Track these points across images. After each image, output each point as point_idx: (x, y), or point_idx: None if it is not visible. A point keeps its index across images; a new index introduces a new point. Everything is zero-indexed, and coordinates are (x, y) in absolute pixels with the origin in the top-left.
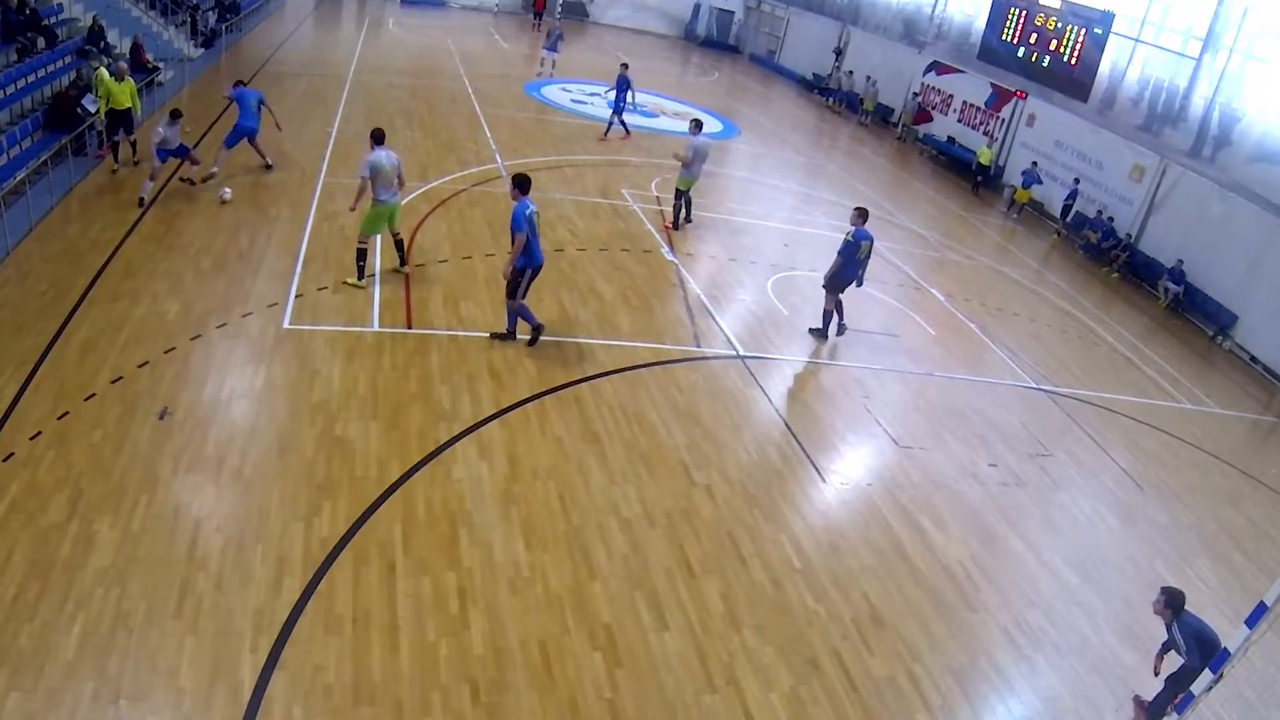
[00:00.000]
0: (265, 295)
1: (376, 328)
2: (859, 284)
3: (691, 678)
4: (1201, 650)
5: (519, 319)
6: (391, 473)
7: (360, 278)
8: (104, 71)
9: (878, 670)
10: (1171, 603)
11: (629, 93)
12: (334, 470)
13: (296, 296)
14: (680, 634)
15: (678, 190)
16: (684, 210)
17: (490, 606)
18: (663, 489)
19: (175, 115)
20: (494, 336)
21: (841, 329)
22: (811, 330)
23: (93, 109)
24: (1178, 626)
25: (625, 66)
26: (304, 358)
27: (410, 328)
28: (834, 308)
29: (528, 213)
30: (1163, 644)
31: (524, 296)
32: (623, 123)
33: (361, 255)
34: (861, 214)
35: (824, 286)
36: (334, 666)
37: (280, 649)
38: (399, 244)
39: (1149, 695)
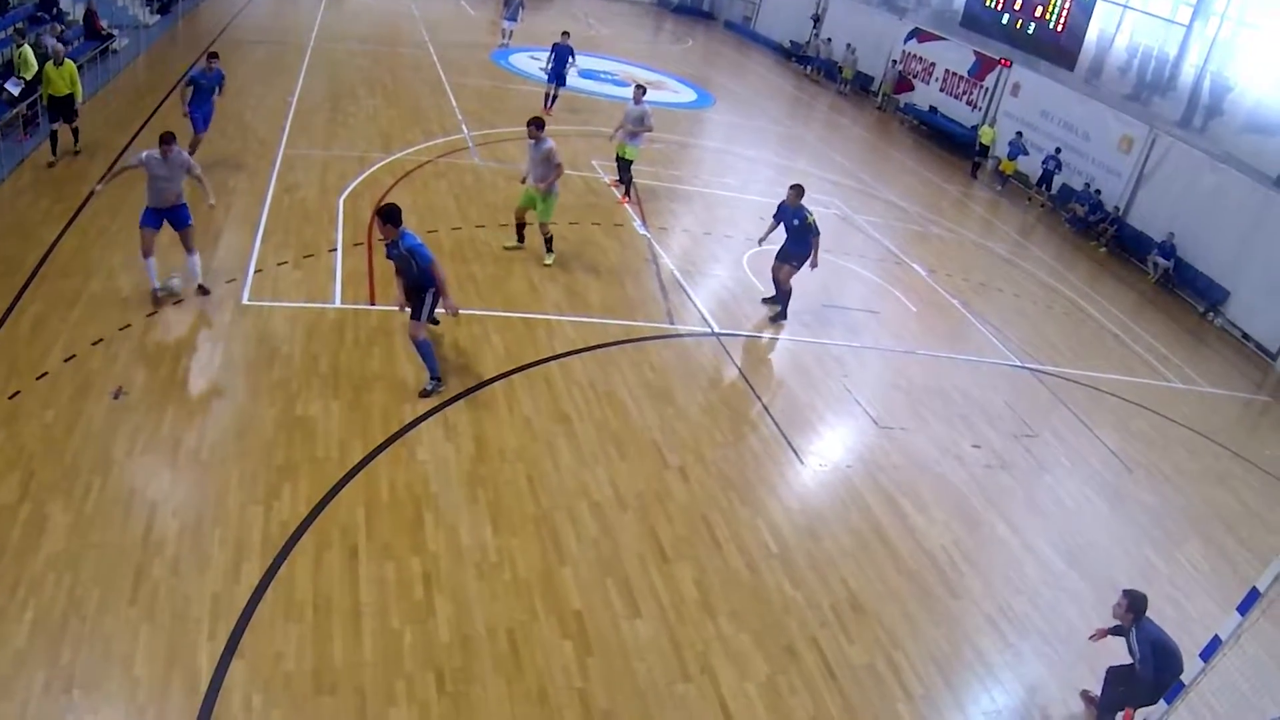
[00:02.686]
0: (223, 270)
1: (338, 304)
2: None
3: (664, 666)
4: (1157, 660)
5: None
6: (354, 454)
7: (551, 253)
8: (28, 50)
9: (857, 658)
10: (1134, 606)
11: (570, 62)
12: (294, 451)
13: (255, 271)
14: (653, 621)
15: (628, 161)
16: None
17: (456, 592)
18: (635, 471)
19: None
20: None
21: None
22: (766, 300)
23: (15, 91)
24: (1136, 633)
25: (565, 35)
26: (263, 335)
27: (374, 304)
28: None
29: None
30: (1112, 628)
31: (429, 319)
32: (552, 96)
33: (550, 240)
34: (799, 190)
35: (796, 268)
36: (294, 654)
37: (239, 636)
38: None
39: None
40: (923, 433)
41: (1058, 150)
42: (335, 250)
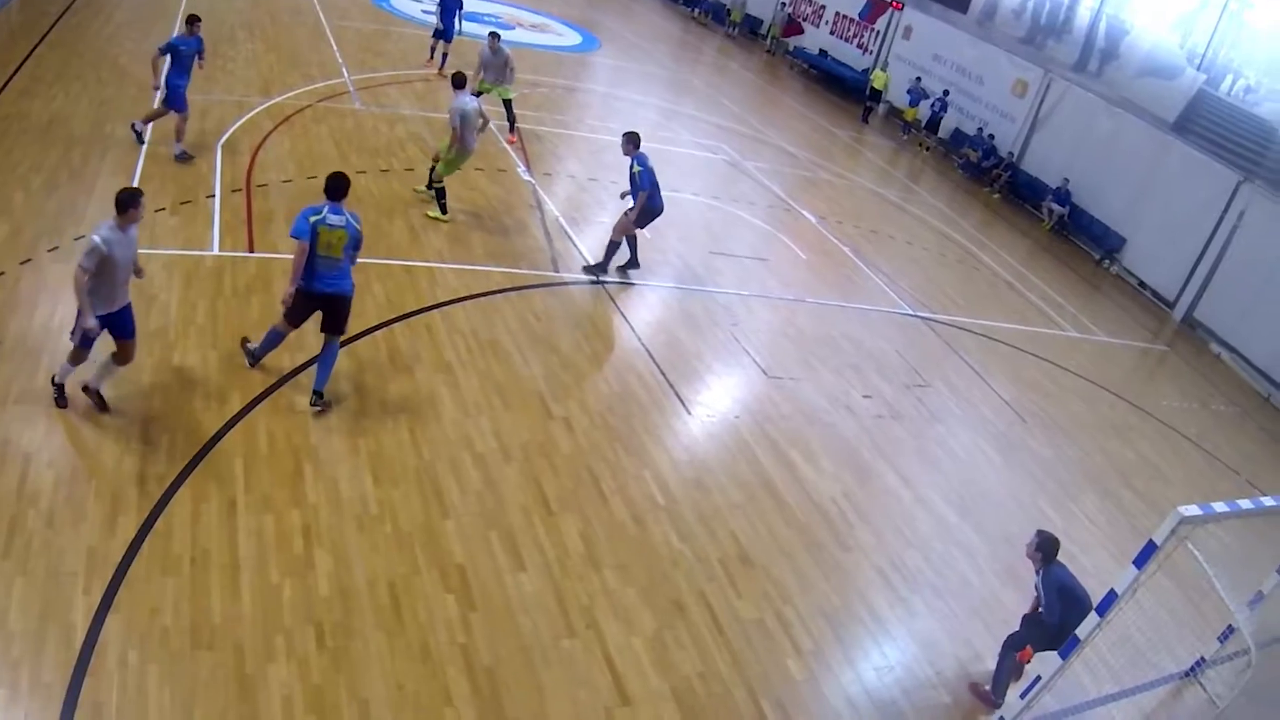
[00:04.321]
0: (100, 217)
1: (216, 251)
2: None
3: (549, 621)
4: (1063, 605)
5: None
6: (232, 405)
7: (444, 212)
8: None
9: (746, 613)
10: (1043, 547)
11: (458, 13)
12: (171, 402)
13: None
14: (537, 575)
15: (509, 100)
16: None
17: (336, 545)
18: (519, 421)
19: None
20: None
21: (635, 263)
22: (587, 268)
23: None
24: (1043, 576)
25: None
26: (140, 283)
27: (252, 251)
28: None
29: (313, 219)
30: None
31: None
32: (443, 53)
33: (441, 193)
34: (635, 139)
35: (637, 226)
36: (171, 609)
37: (115, 590)
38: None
39: (985, 680)
40: (812, 382)
41: (945, 93)
42: (213, 197)
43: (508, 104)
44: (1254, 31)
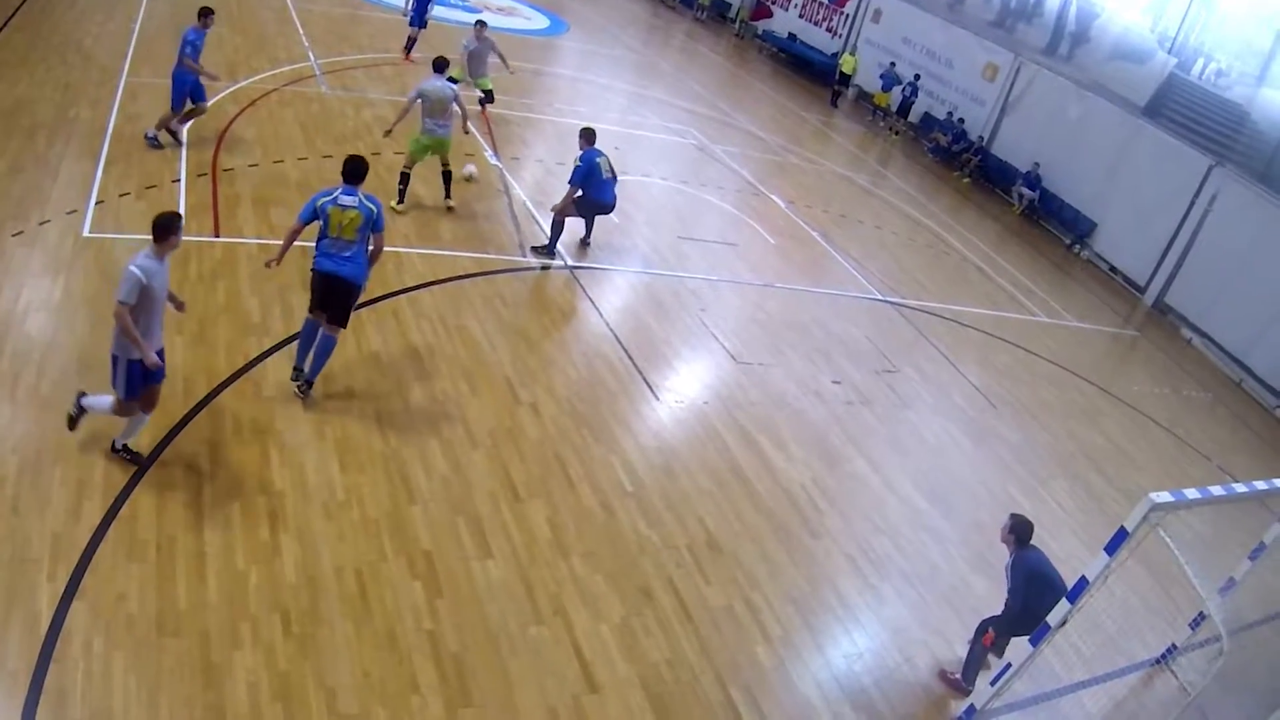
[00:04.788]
0: (64, 202)
1: (182, 236)
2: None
3: (517, 608)
4: (1029, 590)
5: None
6: (198, 389)
7: (400, 201)
8: None
9: (714, 599)
10: (1016, 530)
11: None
12: None
13: (97, 203)
14: (505, 562)
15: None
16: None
17: (303, 532)
18: (486, 407)
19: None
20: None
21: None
22: (535, 249)
23: None
24: (1013, 560)
25: None
26: (105, 268)
27: (218, 236)
28: (563, 222)
29: (321, 201)
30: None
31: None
32: (413, 39)
33: (404, 179)
34: (588, 135)
35: (554, 212)
36: (137, 595)
37: (80, 577)
38: (447, 176)
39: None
40: (781, 368)
41: (916, 77)
42: (179, 181)
43: (489, 94)
44: (1225, 15)
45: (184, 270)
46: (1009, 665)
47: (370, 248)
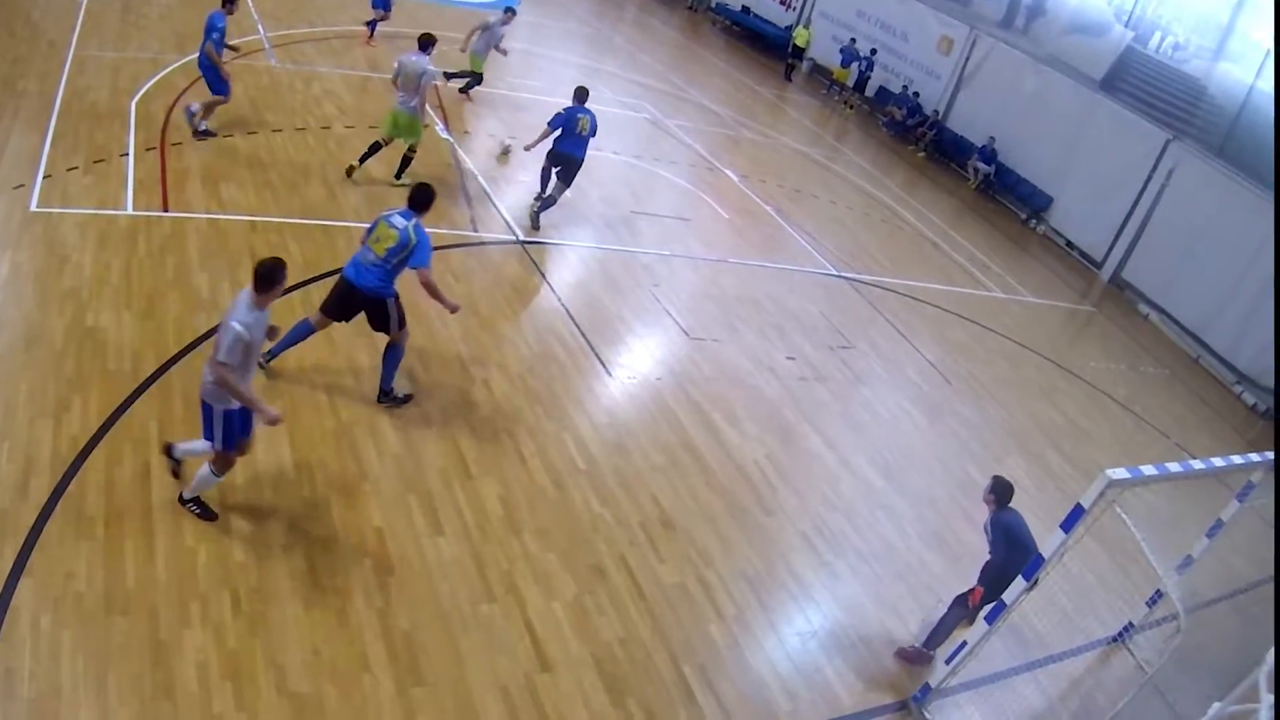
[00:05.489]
0: (10, 177)
1: (130, 211)
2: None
3: (468, 586)
4: (1008, 545)
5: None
6: (147, 365)
7: (359, 163)
8: None
9: (667, 577)
10: (996, 490)
11: None
12: (85, 363)
13: (45, 177)
14: (456, 539)
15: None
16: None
17: (252, 509)
18: (437, 383)
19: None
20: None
21: (546, 203)
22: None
23: None
24: (992, 518)
25: None
26: (53, 243)
27: (167, 210)
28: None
29: (382, 213)
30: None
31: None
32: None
33: (372, 148)
34: (579, 94)
35: (525, 150)
36: (85, 573)
37: (27, 555)
38: (406, 160)
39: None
40: (735, 344)
41: (873, 51)
42: (127, 155)
43: (478, 77)
44: None
45: (132, 244)
46: (964, 644)
47: (395, 274)
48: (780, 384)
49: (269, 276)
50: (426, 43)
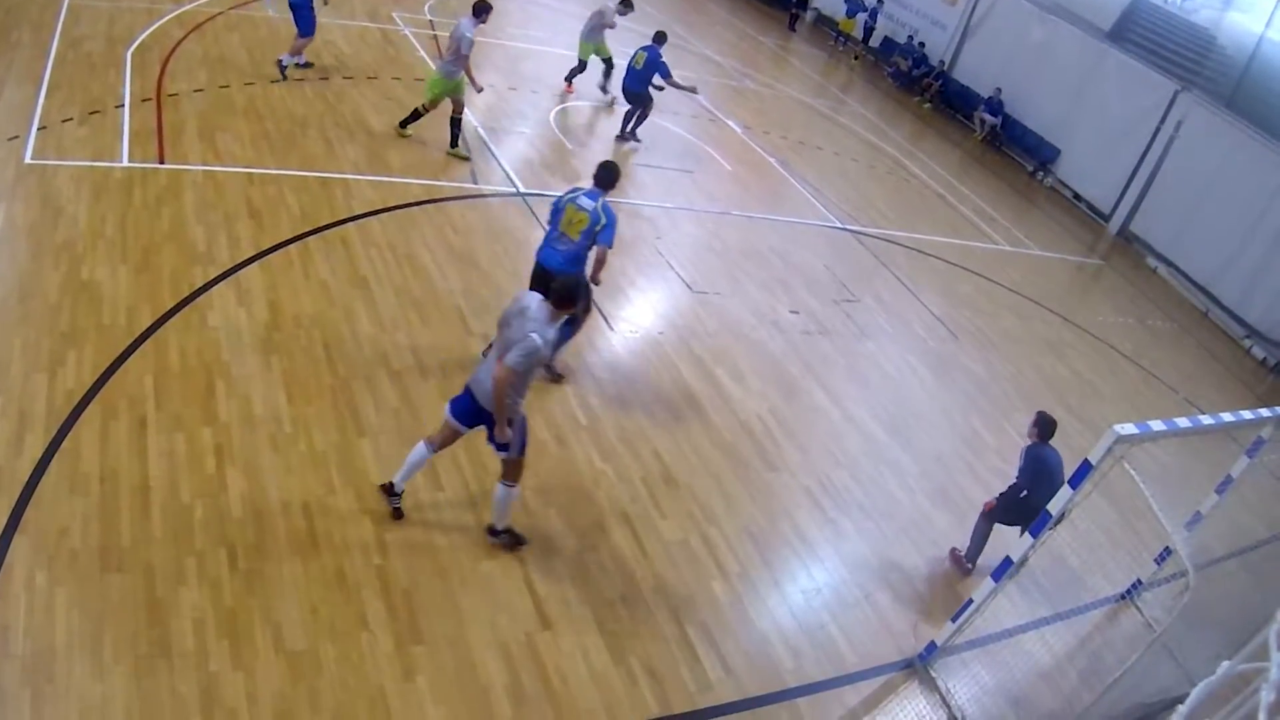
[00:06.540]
0: (4, 128)
1: (126, 163)
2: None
3: (469, 543)
4: (1033, 475)
5: None
6: (142, 320)
7: (402, 126)
8: None
9: (669, 534)
10: (1040, 423)
11: None
12: (80, 317)
13: (39, 129)
14: (456, 496)
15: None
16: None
17: (250, 465)
18: (437, 337)
19: None
20: None
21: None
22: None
23: None
24: (1028, 448)
25: None
26: (47, 195)
27: (163, 163)
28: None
29: (565, 196)
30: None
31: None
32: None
33: (415, 114)
34: (658, 36)
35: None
36: (80, 530)
37: (22, 510)
38: (417, 114)
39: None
40: (738, 297)
41: (880, 1)
42: (122, 106)
43: (609, 62)
44: None
45: (128, 197)
46: (969, 602)
47: (593, 256)
48: (784, 338)
49: (569, 297)
50: (480, 9)
